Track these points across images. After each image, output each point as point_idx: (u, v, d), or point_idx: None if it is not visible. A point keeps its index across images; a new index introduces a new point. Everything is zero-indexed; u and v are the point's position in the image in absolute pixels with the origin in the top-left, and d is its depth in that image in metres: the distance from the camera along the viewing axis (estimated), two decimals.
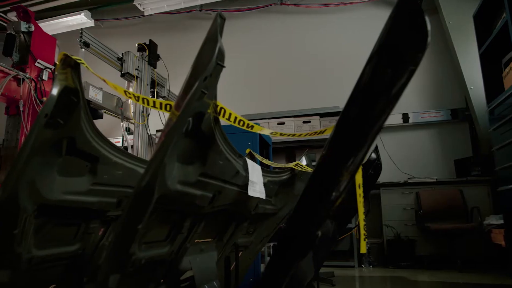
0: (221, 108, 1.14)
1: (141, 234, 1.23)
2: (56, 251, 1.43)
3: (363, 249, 1.10)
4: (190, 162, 1.23)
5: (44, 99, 4.03)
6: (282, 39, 7.08)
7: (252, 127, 1.28)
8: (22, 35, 4.12)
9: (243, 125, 1.22)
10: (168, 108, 1.15)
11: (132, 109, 4.59)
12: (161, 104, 1.15)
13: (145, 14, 6.87)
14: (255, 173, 1.65)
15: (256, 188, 1.64)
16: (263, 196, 1.72)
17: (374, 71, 0.91)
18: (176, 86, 5.60)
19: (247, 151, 2.62)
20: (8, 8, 7.69)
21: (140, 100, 1.13)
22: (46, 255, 1.38)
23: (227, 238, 1.94)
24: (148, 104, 1.14)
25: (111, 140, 1.38)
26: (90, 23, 6.99)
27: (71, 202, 1.33)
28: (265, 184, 1.89)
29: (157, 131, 6.48)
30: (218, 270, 1.97)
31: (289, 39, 7.04)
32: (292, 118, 5.83)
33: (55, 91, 1.03)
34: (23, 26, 4.11)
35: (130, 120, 4.64)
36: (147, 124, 4.63)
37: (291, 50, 7.00)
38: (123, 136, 7.26)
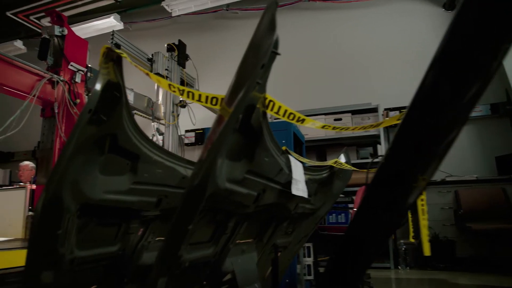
0: (270, 101, 1.06)
1: (189, 235, 1.17)
2: (97, 251, 1.40)
3: (427, 251, 1.00)
4: (237, 159, 1.17)
5: (78, 101, 4.09)
6: (311, 35, 6.96)
7: (303, 120, 1.20)
8: (55, 39, 4.19)
9: (293, 118, 1.14)
10: (214, 102, 1.09)
11: (162, 109, 4.60)
12: (207, 97, 1.09)
13: (173, 15, 6.91)
14: (297, 171, 1.57)
15: (299, 186, 1.56)
16: (305, 194, 1.64)
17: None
18: (204, 85, 5.60)
19: (283, 148, 2.55)
20: (41, 14, 7.93)
21: (185, 93, 1.07)
22: (88, 256, 1.35)
23: (267, 239, 1.88)
24: (193, 97, 1.08)
25: None
26: (120, 26, 7.10)
27: (113, 201, 1.29)
28: (306, 183, 1.81)
29: (186, 131, 6.50)
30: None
31: (317, 35, 6.91)
32: (323, 116, 5.69)
33: (98, 86, 0.99)
34: (57, 30, 4.19)
35: (161, 121, 4.65)
36: (178, 124, 4.63)
37: (320, 46, 6.87)
38: (153, 137, 7.34)
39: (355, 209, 3.46)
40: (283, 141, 3.20)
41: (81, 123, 0.96)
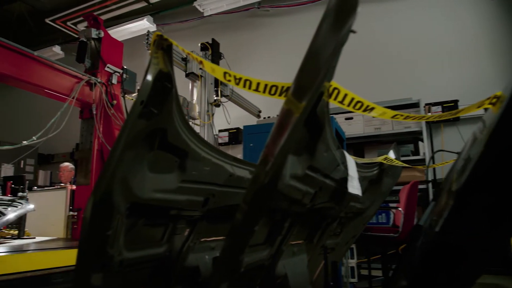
0: (335, 88, 0.96)
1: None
2: (145, 253, 1.35)
3: None
4: (300, 154, 1.08)
5: (114, 102, 4.12)
6: None
7: (372, 109, 1.08)
8: (92, 42, 4.25)
9: (360, 107, 1.03)
10: (273, 91, 1.00)
11: (197, 108, 4.57)
12: (266, 86, 1.00)
13: (205, 14, 6.91)
14: (352, 167, 1.46)
15: (354, 184, 1.45)
16: (360, 192, 1.52)
17: None
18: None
19: None
20: (77, 20, 8.15)
21: (242, 82, 0.99)
22: (136, 257, 1.29)
23: (317, 240, 1.77)
24: (250, 86, 1.00)
25: None
26: (152, 27, 7.17)
27: (161, 201, 1.23)
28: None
29: (220, 131, 6.47)
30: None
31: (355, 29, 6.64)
32: (360, 112, 5.44)
33: (149, 77, 0.92)
34: (94, 33, 4.24)
35: (195, 120, 4.63)
36: (213, 123, 4.59)
37: (358, 40, 6.62)
38: None
39: (399, 209, 3.28)
40: None
41: (133, 116, 0.89)
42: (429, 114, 5.19)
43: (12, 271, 1.80)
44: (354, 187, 1.44)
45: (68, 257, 1.98)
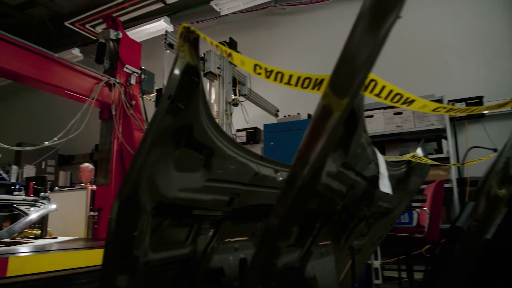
0: (371, 80, 0.90)
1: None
2: (170, 254, 1.31)
3: None
4: (335, 150, 1.02)
5: (133, 102, 4.13)
6: None
7: (411, 102, 1.01)
8: (111, 43, 4.28)
9: (399, 100, 0.96)
10: (305, 84, 0.94)
11: (215, 108, 4.55)
12: (298, 78, 0.94)
13: (221, 14, 6.90)
14: (382, 164, 1.40)
15: (385, 182, 1.39)
16: (390, 191, 1.45)
17: None
18: (256, 83, 5.50)
19: None
20: (95, 22, 8.25)
21: (273, 75, 0.93)
22: (161, 259, 1.26)
23: (344, 240, 1.71)
24: (281, 79, 0.94)
25: None
26: (170, 28, 7.19)
27: (186, 200, 1.19)
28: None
29: (238, 130, 6.43)
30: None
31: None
32: (381, 110, 5.36)
33: (177, 70, 0.88)
34: (112, 34, 4.27)
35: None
36: (231, 122, 4.56)
37: None
38: None
39: (425, 209, 3.18)
40: None
41: (161, 112, 0.85)
42: (473, 107, 5.03)
43: (36, 271, 1.80)
44: (385, 185, 1.38)
45: (92, 257, 1.97)
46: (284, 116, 4.33)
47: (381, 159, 1.40)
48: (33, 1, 8.62)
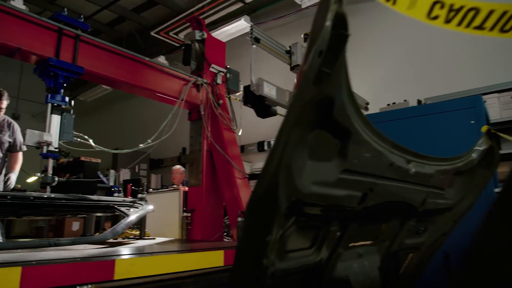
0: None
1: None
2: (295, 263, 1.09)
3: None
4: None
5: (221, 101, 4.07)
6: None
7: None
8: (196, 44, 4.28)
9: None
10: (508, 27, 0.64)
11: None
12: (502, 15, 0.65)
13: (303, 6, 6.65)
14: None
15: None
16: None
17: None
18: None
19: (484, 129, 1.98)
20: (178, 29, 8.53)
21: (458, 16, 0.66)
22: (287, 268, 1.04)
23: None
24: (470, 23, 0.66)
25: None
26: (250, 27, 7.12)
27: (320, 196, 0.96)
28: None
29: None
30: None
31: None
32: (495, 94, 4.61)
33: (328, 22, 0.65)
34: (197, 35, 4.27)
35: None
36: None
37: None
38: None
39: None
40: (472, 122, 2.55)
41: (310, 73, 0.63)
42: None
43: (142, 275, 1.71)
44: None
45: (196, 260, 1.85)
46: (388, 105, 3.90)
47: None
48: (122, 17, 9.22)
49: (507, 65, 5.22)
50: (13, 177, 4.01)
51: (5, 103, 3.59)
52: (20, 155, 4.08)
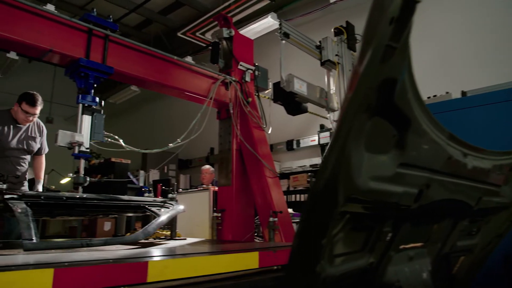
0: None
1: None
2: (346, 267, 0.99)
3: None
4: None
5: (250, 99, 3.98)
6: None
7: None
8: (224, 42, 4.21)
9: None
10: None
11: (336, 99, 4.18)
12: None
13: (331, 1, 6.49)
14: None
15: None
16: None
17: None
18: None
19: None
20: (204, 30, 8.54)
21: None
22: (337, 273, 0.94)
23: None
24: None
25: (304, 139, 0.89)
26: (277, 24, 7.02)
27: (377, 193, 0.85)
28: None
29: None
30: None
31: None
32: None
33: None
34: (225, 32, 4.20)
35: (335, 112, 4.23)
36: None
37: None
38: (319, 132, 6.99)
39: None
40: None
41: (380, 46, 0.53)
42: None
43: (176, 277, 1.65)
44: None
45: (231, 262, 1.78)
46: (428, 98, 3.70)
47: None
48: (149, 20, 9.33)
49: None
50: (40, 188, 3.91)
51: (39, 109, 3.61)
52: (44, 159, 3.97)
